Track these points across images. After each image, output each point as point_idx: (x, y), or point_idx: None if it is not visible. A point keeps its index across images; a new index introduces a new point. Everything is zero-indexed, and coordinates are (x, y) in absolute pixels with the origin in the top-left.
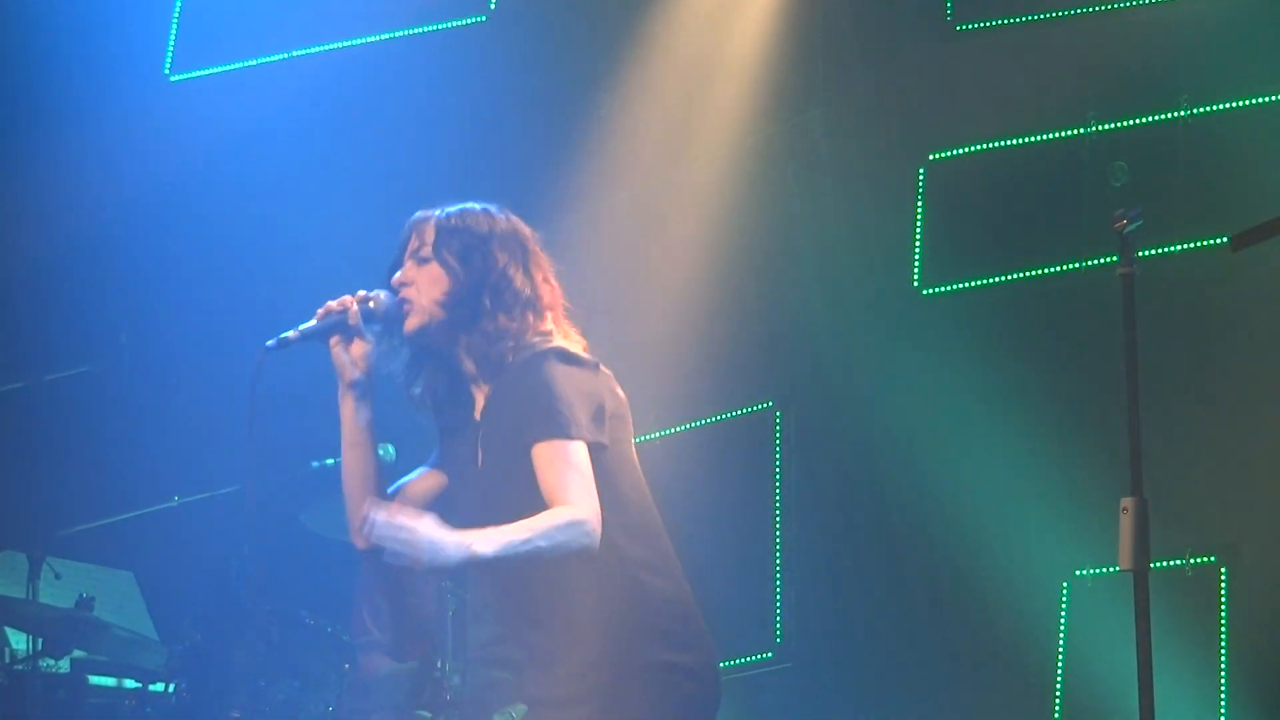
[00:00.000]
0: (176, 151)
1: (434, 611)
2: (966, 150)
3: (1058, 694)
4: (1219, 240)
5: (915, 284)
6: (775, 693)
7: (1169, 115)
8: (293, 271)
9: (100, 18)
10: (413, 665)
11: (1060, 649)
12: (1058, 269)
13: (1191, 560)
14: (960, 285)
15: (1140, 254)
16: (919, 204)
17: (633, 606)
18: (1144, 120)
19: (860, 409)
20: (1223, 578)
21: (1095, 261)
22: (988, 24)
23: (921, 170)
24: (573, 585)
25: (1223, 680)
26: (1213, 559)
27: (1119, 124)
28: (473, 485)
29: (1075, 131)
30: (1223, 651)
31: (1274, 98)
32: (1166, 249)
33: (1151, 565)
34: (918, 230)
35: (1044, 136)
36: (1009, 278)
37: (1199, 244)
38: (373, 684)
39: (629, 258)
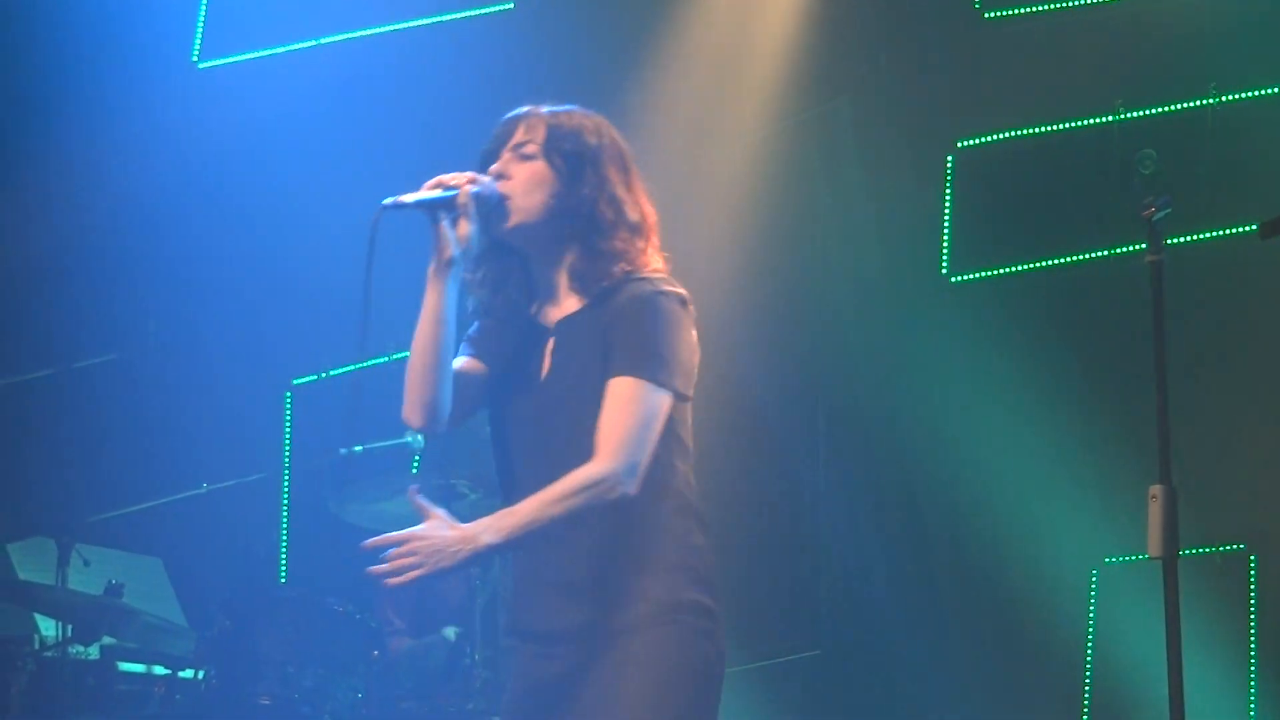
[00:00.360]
0: (204, 138)
1: (461, 601)
2: (995, 138)
3: (1087, 681)
4: (1248, 228)
5: (944, 271)
6: (804, 679)
7: (1198, 103)
8: (320, 259)
9: (128, 5)
10: (434, 639)
11: (1090, 636)
12: (1086, 256)
13: (1221, 548)
14: (989, 273)
15: (1168, 241)
16: (947, 191)
17: (677, 548)
18: (1173, 108)
19: (888, 395)
20: (1252, 566)
21: (1123, 249)
22: (1015, 12)
23: (950, 158)
24: (624, 524)
25: (1252, 668)
26: (1242, 547)
27: (1147, 111)
28: (531, 395)
29: (1103, 119)
30: (1252, 639)
31: None
32: (1195, 237)
33: (1180, 553)
34: (946, 218)
35: (1072, 124)
36: (1037, 265)
37: (1227, 232)
38: (397, 662)
39: None
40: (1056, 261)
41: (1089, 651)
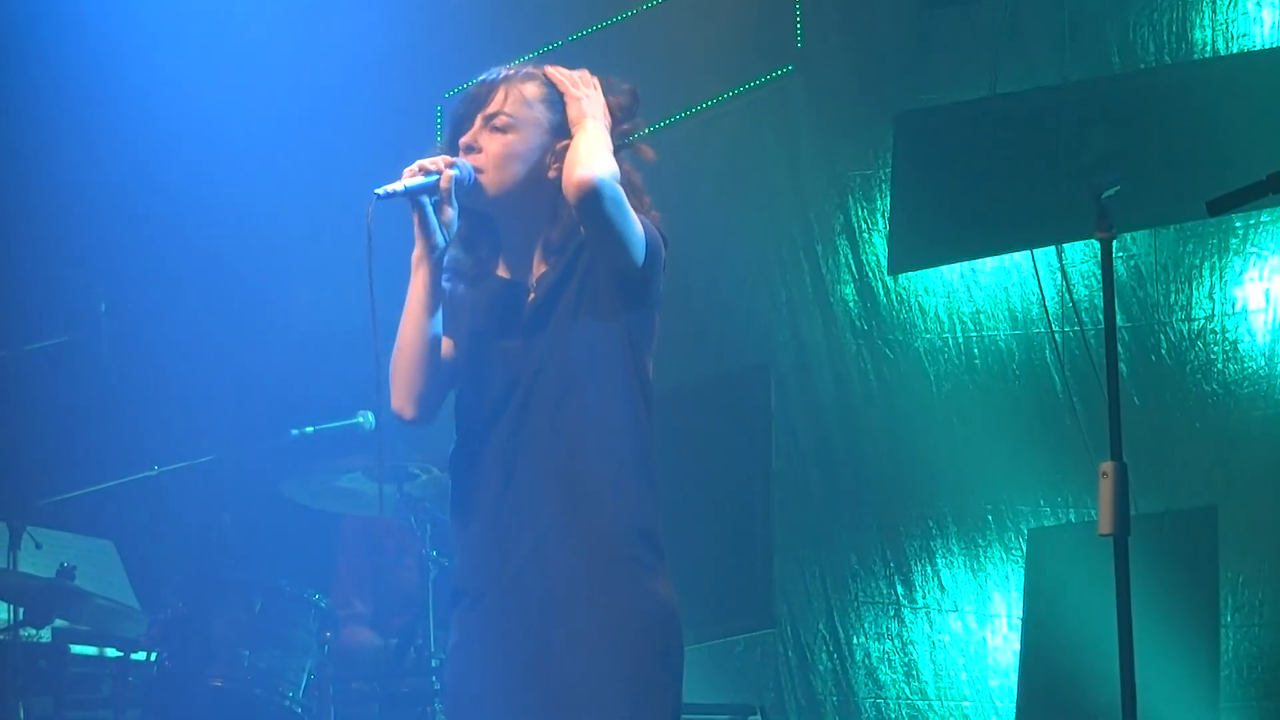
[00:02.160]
0: (154, 122)
1: (416, 582)
2: (941, 113)
3: (1024, 649)
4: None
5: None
6: (753, 658)
7: (1146, 69)
8: (270, 239)
9: None
10: (394, 643)
11: (1029, 602)
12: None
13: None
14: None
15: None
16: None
17: (645, 495)
18: (1121, 78)
19: (842, 372)
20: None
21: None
22: None
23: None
24: (609, 457)
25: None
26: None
27: (1096, 83)
28: (516, 355)
29: (1054, 92)
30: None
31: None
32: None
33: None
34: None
35: (1022, 99)
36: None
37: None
38: (355, 656)
39: None
40: (1006, 250)
41: (1025, 618)
